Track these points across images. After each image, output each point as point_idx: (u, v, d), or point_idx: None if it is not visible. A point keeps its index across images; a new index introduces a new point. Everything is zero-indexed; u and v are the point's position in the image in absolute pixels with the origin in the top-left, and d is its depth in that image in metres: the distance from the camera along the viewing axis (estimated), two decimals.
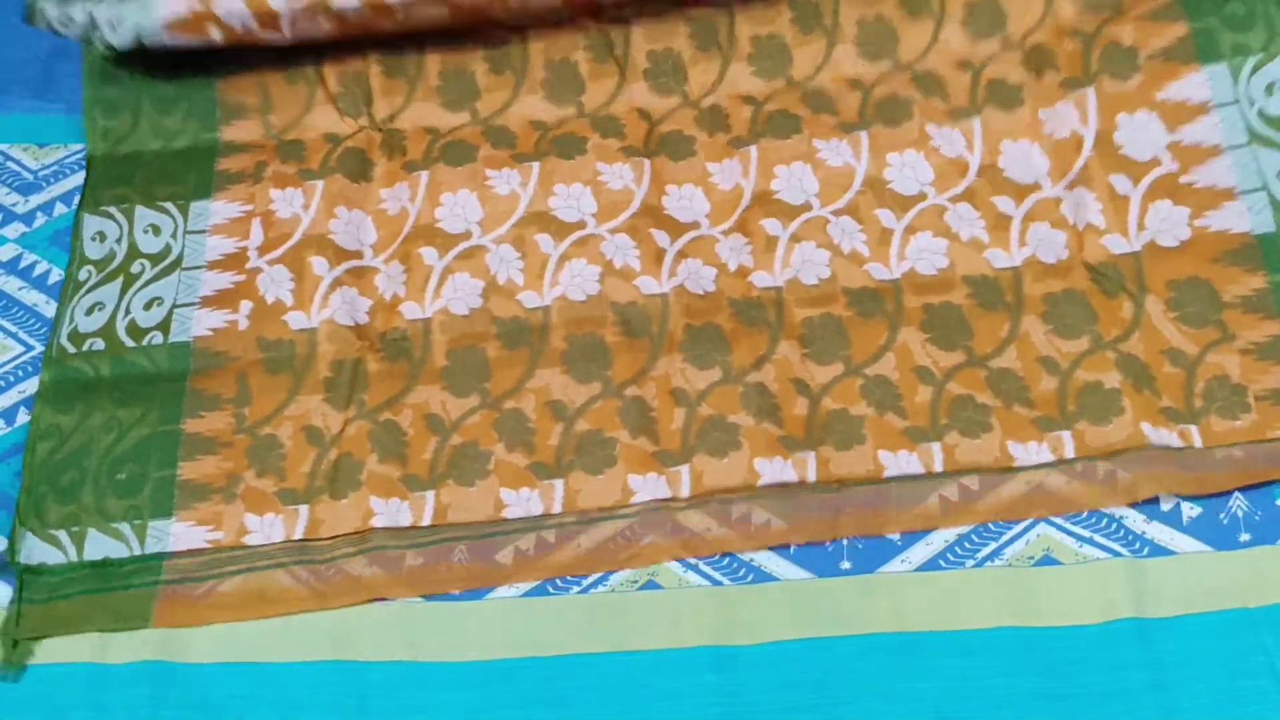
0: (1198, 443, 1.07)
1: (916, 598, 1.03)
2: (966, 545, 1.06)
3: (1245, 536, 1.04)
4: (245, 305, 1.21)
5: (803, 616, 1.03)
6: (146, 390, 1.18)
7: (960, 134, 1.22)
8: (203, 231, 1.27)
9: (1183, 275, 1.13)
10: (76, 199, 1.36)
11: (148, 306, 1.22)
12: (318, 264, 1.22)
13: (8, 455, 1.17)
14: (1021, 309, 1.14)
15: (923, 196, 1.20)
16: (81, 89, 1.34)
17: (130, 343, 1.20)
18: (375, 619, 1.05)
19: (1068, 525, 1.06)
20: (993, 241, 1.17)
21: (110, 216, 1.29)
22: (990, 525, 1.07)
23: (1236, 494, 1.06)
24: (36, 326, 1.26)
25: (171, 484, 1.13)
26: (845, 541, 1.07)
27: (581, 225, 1.22)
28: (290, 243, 1.24)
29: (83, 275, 1.26)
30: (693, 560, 1.07)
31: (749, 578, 1.06)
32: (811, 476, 1.09)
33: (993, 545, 1.05)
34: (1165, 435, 1.08)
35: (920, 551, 1.06)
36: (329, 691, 1.02)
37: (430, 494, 1.11)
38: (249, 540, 1.10)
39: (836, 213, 1.20)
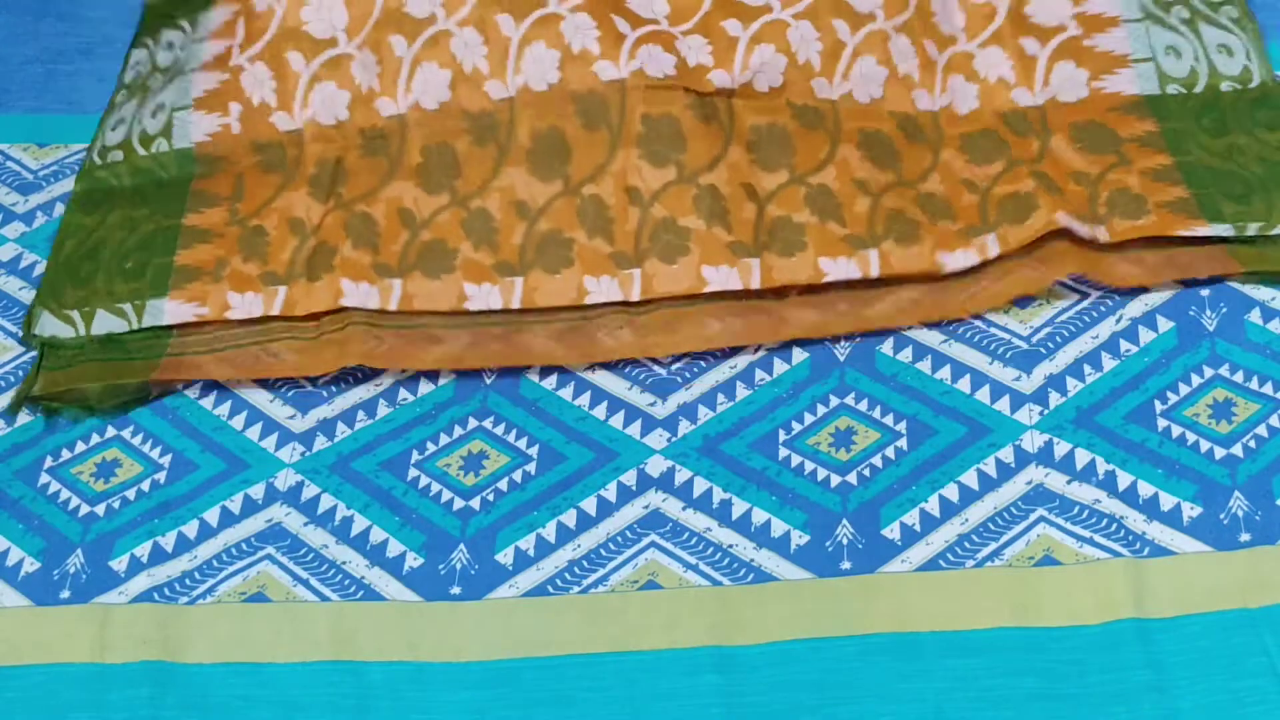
0: (1104, 238, 1.19)
1: (916, 598, 1.03)
2: (967, 545, 1.06)
3: (1246, 537, 1.04)
4: (234, 108, 1.30)
5: (803, 617, 1.03)
6: (158, 193, 1.30)
7: None
8: (201, 40, 1.35)
9: (1083, 120, 1.27)
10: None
11: (154, 114, 1.34)
12: (294, 59, 1.29)
13: (7, 455, 1.18)
14: (941, 144, 1.25)
15: (872, 18, 1.27)
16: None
17: (142, 151, 1.33)
18: (375, 620, 1.06)
19: (1068, 526, 1.06)
20: (920, 83, 1.26)
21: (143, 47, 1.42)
22: (990, 525, 1.07)
23: (1237, 493, 1.06)
24: None
25: (169, 269, 1.24)
26: (845, 542, 1.07)
27: (542, 3, 1.26)
28: (266, 37, 1.30)
29: (119, 98, 1.40)
30: (693, 560, 1.07)
31: (749, 578, 1.06)
32: (755, 283, 1.17)
33: (993, 545, 1.05)
34: (1077, 226, 1.19)
35: (920, 551, 1.06)
36: (328, 692, 1.02)
37: (398, 282, 1.20)
38: (231, 315, 1.21)
39: (797, 16, 1.25)
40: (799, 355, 1.19)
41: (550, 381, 1.20)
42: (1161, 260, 1.19)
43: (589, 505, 1.11)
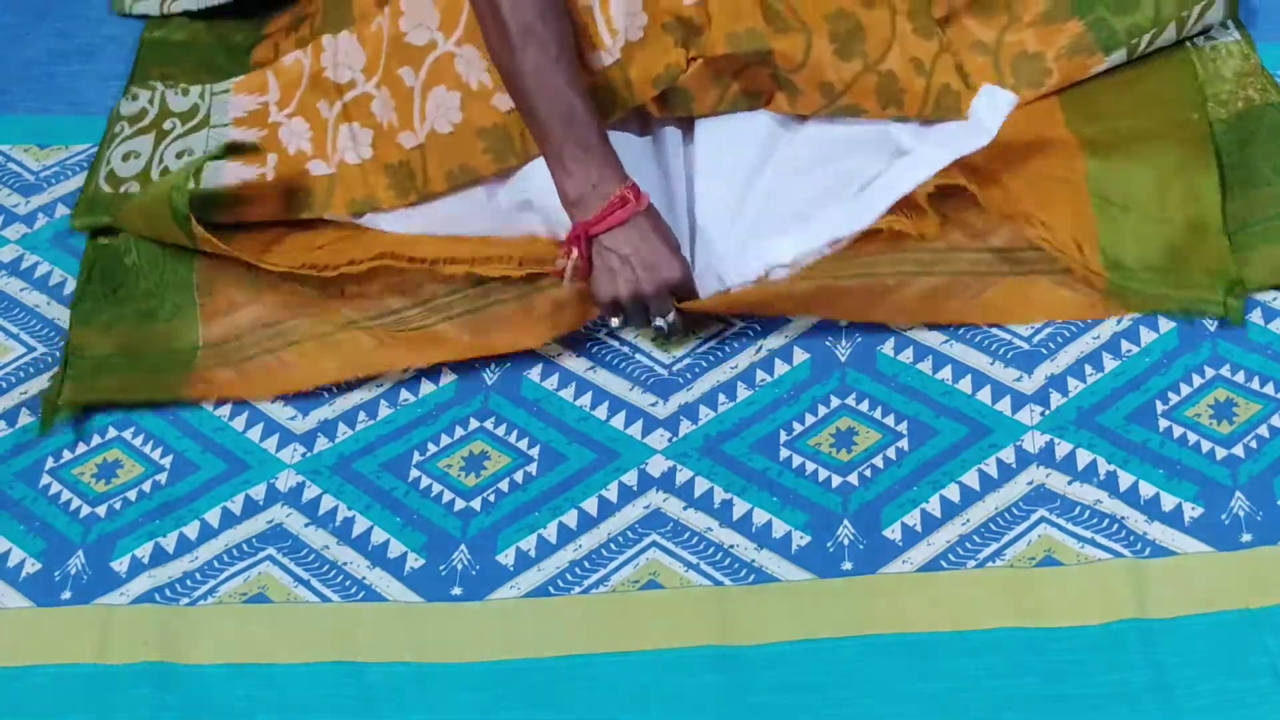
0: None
1: (918, 598, 1.03)
2: (968, 545, 1.06)
3: (1246, 537, 1.04)
4: (271, 158, 1.33)
5: (804, 617, 1.03)
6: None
7: None
8: (226, 91, 1.38)
9: None
10: (79, 199, 1.37)
11: (179, 156, 1.35)
12: (323, 108, 1.31)
13: (8, 456, 1.18)
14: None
15: None
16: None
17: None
18: (376, 620, 1.06)
19: (1069, 526, 1.06)
20: None
21: (148, 88, 1.44)
22: (991, 526, 1.07)
23: (1238, 494, 1.06)
24: (38, 328, 1.27)
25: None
26: (846, 542, 1.07)
27: None
28: (300, 91, 1.34)
29: (118, 129, 1.40)
30: (694, 560, 1.07)
31: (750, 578, 1.06)
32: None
33: (994, 546, 1.05)
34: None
35: (922, 552, 1.06)
36: (330, 693, 1.02)
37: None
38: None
39: None
40: (800, 355, 1.19)
41: (551, 382, 1.20)
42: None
43: (590, 505, 1.11)
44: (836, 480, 1.11)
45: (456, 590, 1.07)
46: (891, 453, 1.12)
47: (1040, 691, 0.98)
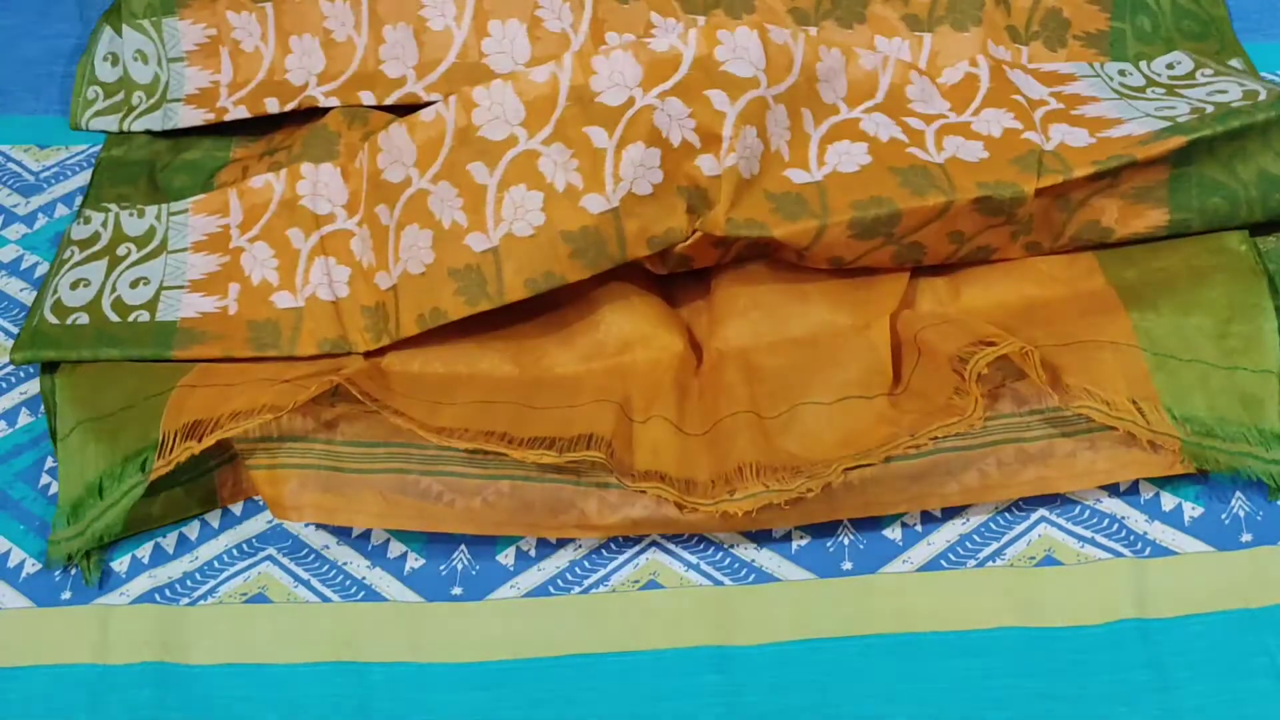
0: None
1: (918, 598, 1.03)
2: (968, 545, 1.06)
3: (1247, 537, 1.04)
4: (234, 289, 1.22)
5: (804, 617, 1.03)
6: (129, 357, 1.18)
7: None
8: (184, 211, 1.28)
9: None
10: (78, 200, 1.36)
11: (134, 285, 1.23)
12: (294, 236, 1.23)
13: (8, 456, 1.17)
14: None
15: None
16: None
17: (115, 318, 1.20)
18: (376, 620, 1.05)
19: (1069, 525, 1.06)
20: None
21: (101, 210, 1.31)
22: (992, 525, 1.07)
23: (1238, 494, 1.06)
24: None
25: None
26: (846, 542, 1.07)
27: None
28: (267, 216, 1.25)
29: (67, 254, 1.27)
30: (693, 560, 1.07)
31: (750, 578, 1.05)
32: None
33: (994, 545, 1.05)
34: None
35: (922, 552, 1.06)
36: (330, 693, 1.02)
37: None
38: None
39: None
40: None
41: None
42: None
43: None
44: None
45: (456, 590, 1.07)
46: None
47: (1040, 691, 0.98)
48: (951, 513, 1.08)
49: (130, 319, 1.20)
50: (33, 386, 1.21)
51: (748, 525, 1.06)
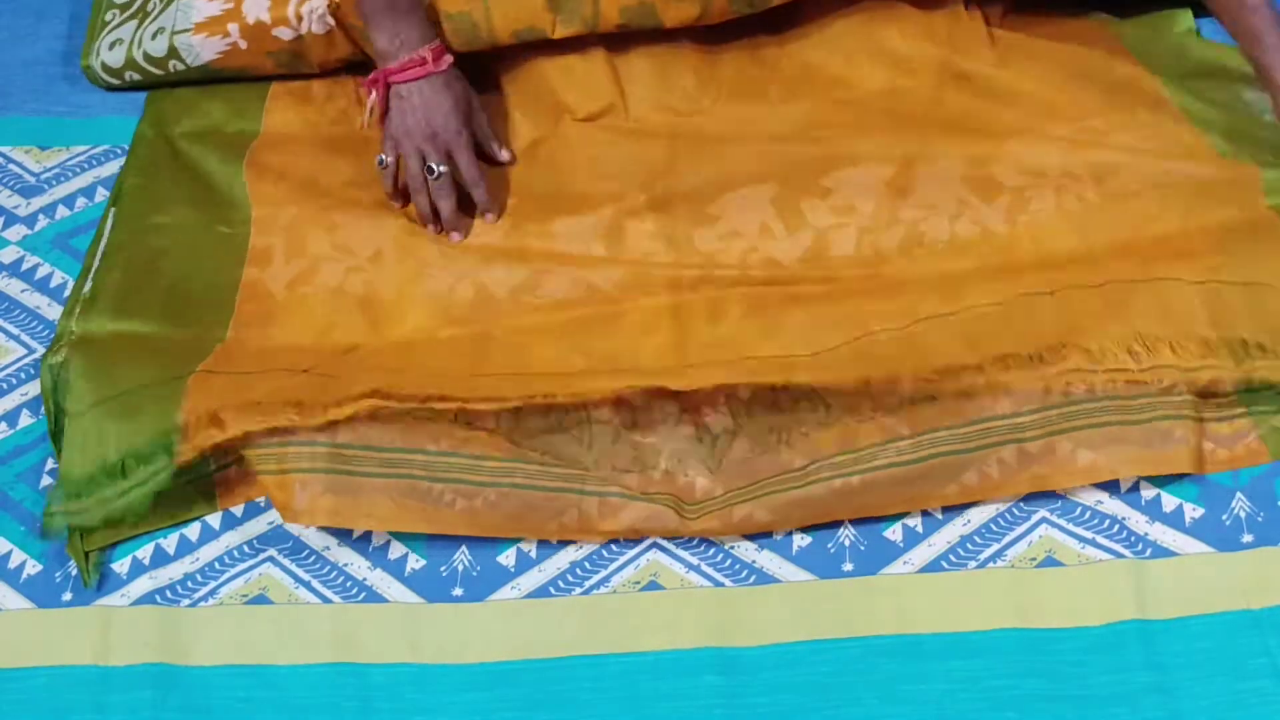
0: None
1: (918, 599, 1.03)
2: (969, 546, 1.06)
3: (1248, 538, 1.04)
4: (233, 28, 1.41)
5: (805, 618, 1.02)
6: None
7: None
8: None
9: None
10: (79, 202, 1.36)
11: (154, 37, 1.43)
12: None
13: (9, 458, 1.17)
14: None
15: None
16: None
17: (157, 71, 1.44)
18: (377, 621, 1.05)
19: (1070, 526, 1.06)
20: None
21: None
22: (992, 526, 1.07)
23: (1239, 495, 1.06)
24: (39, 329, 1.26)
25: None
26: (847, 543, 1.07)
27: None
28: None
29: (109, 16, 1.50)
30: (694, 561, 1.07)
31: (750, 579, 1.05)
32: None
33: (995, 546, 1.05)
34: None
35: (922, 553, 1.05)
36: (331, 694, 1.02)
37: None
38: None
39: None
40: None
41: None
42: None
43: None
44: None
45: (457, 591, 1.07)
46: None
47: (1041, 693, 0.98)
48: (952, 514, 1.08)
49: (170, 69, 1.45)
50: (33, 388, 1.20)
51: (749, 530, 1.06)
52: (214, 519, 1.13)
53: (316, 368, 1.14)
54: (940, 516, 1.08)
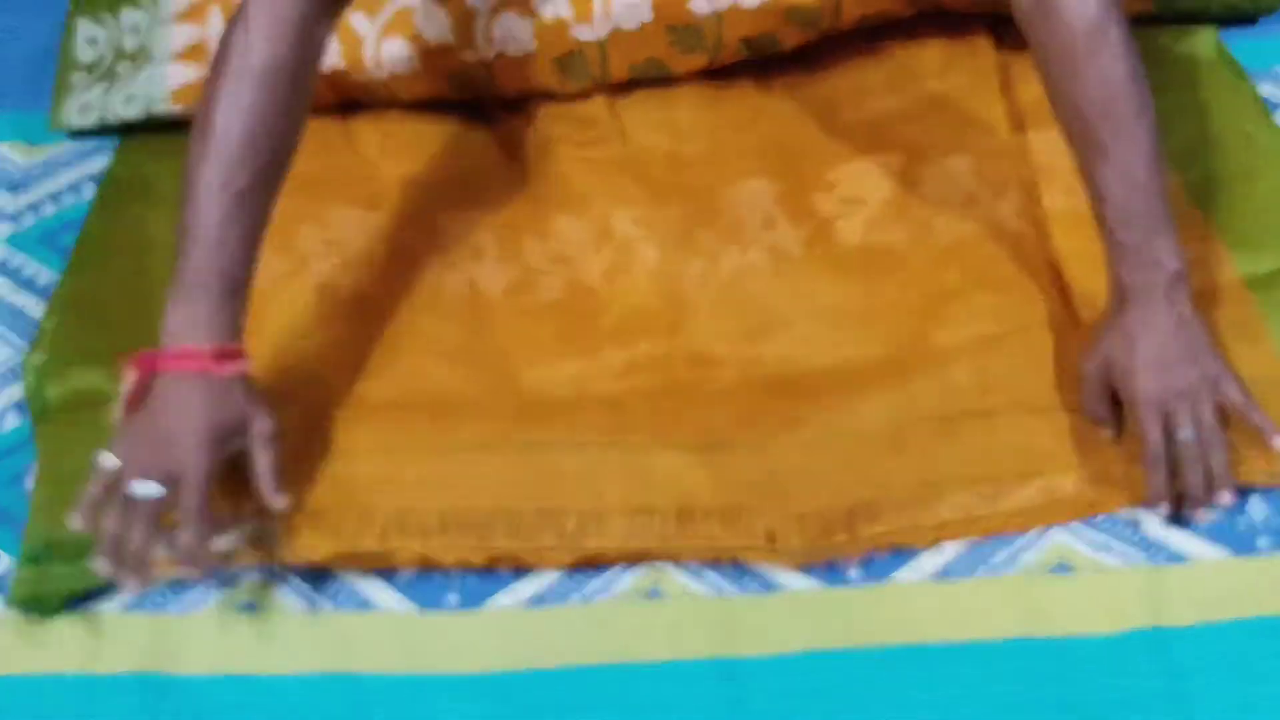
0: None
1: (927, 607, 1.02)
2: (979, 553, 1.04)
3: (1264, 542, 1.03)
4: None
5: (810, 627, 1.02)
6: None
7: None
8: (167, 22, 1.39)
9: None
10: (67, 198, 1.36)
11: (126, 102, 1.38)
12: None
13: None
14: None
15: None
16: None
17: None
18: (371, 630, 1.04)
19: (1083, 532, 1.05)
20: None
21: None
22: (1003, 533, 1.05)
23: (1254, 498, 1.05)
24: (26, 329, 1.26)
25: None
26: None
27: None
28: None
29: (76, 78, 1.44)
30: (697, 568, 1.06)
31: (755, 587, 1.04)
32: None
33: (1005, 553, 1.04)
34: None
35: (931, 561, 1.04)
36: (324, 704, 1.01)
37: None
38: None
39: None
40: None
41: None
42: None
43: None
44: None
45: (453, 598, 1.06)
46: None
47: (1054, 701, 0.97)
48: None
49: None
50: (19, 390, 1.20)
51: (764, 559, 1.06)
52: None
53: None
54: None
